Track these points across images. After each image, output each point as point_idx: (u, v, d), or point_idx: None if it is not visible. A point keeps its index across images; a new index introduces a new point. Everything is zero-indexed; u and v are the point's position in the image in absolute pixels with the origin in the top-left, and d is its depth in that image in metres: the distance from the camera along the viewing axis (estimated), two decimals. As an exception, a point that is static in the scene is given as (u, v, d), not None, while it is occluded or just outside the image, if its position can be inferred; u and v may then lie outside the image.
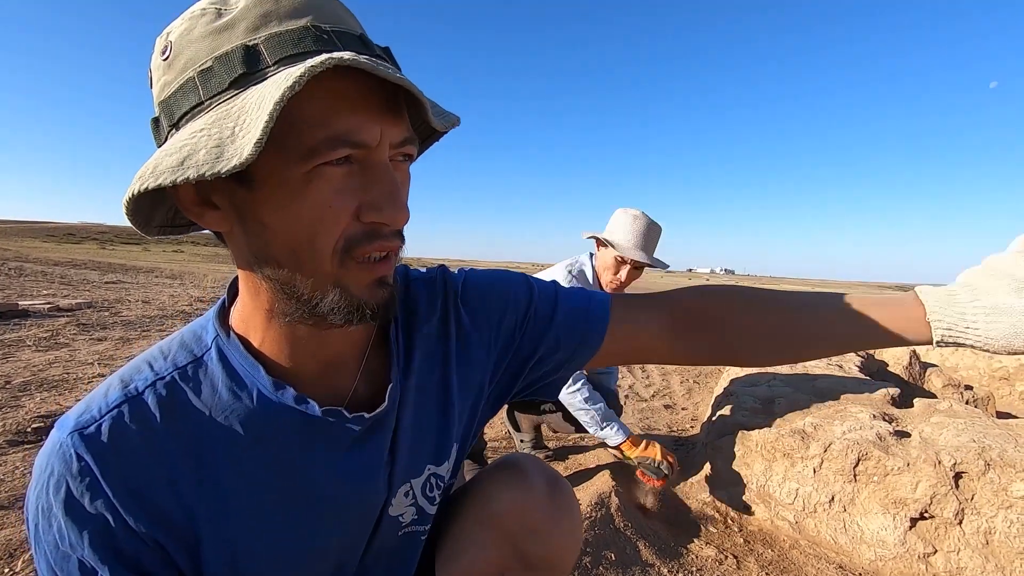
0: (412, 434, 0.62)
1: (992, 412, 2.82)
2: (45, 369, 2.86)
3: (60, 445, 0.47)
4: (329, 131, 0.42)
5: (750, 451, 1.79)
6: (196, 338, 0.54)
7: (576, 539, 0.73)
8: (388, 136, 0.45)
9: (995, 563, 1.33)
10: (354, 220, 0.46)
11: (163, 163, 0.40)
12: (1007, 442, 1.46)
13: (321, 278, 0.46)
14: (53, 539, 0.46)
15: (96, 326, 4.14)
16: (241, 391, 0.52)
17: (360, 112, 0.43)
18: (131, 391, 0.49)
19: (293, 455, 0.53)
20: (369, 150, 0.44)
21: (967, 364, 3.71)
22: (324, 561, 0.57)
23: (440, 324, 0.66)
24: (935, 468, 1.44)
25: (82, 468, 0.46)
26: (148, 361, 0.52)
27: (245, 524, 0.51)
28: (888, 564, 1.46)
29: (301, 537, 0.54)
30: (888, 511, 1.48)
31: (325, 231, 0.45)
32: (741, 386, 2.33)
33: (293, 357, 0.53)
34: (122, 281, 8.55)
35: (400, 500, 0.62)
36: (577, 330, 0.69)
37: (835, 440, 1.62)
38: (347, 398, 0.58)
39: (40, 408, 2.28)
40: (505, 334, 0.69)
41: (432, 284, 0.68)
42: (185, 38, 0.44)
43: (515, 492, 0.68)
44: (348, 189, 0.45)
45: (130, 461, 0.47)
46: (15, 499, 1.57)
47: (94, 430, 0.47)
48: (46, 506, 0.46)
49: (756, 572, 1.47)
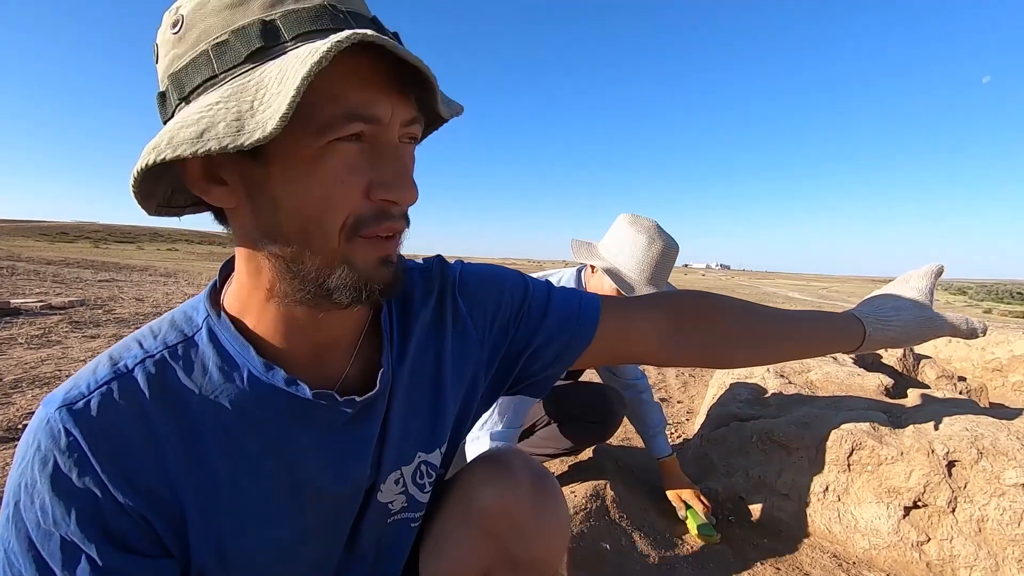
0: (403, 420, 0.62)
1: (985, 403, 2.84)
2: (37, 366, 2.84)
3: (47, 420, 0.46)
4: (344, 106, 0.43)
5: (745, 442, 1.80)
6: (187, 318, 0.54)
7: (563, 537, 0.71)
8: (398, 115, 0.46)
9: (987, 550, 1.33)
10: (364, 198, 0.46)
11: (180, 135, 0.40)
12: (999, 431, 1.47)
13: (328, 255, 0.46)
14: (35, 516, 0.44)
15: (89, 324, 4.11)
16: (232, 371, 0.51)
17: (373, 88, 0.44)
18: (120, 368, 0.49)
19: (282, 436, 0.53)
20: (380, 127, 0.45)
21: (960, 356, 3.73)
22: (309, 543, 0.56)
23: (436, 313, 0.67)
24: (928, 457, 1.45)
25: (70, 443, 0.45)
26: (138, 340, 0.52)
27: (232, 504, 0.51)
28: (882, 553, 1.46)
29: (286, 518, 0.54)
30: (882, 500, 1.49)
31: (335, 207, 0.45)
32: (736, 378, 2.34)
33: (288, 339, 0.53)
34: (116, 279, 8.50)
35: (390, 487, 0.62)
36: (569, 326, 0.71)
37: (829, 430, 1.63)
38: (339, 382, 0.58)
39: (32, 405, 2.26)
40: (499, 328, 0.69)
41: (429, 273, 0.69)
42: (199, 12, 0.44)
43: (499, 488, 0.67)
44: (360, 166, 0.45)
45: (119, 437, 0.47)
46: (6, 496, 1.56)
47: (83, 405, 0.46)
48: (30, 482, 0.45)
49: (751, 562, 1.47)
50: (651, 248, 1.43)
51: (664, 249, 1.44)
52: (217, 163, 0.46)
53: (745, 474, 1.76)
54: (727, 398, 2.12)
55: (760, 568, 1.44)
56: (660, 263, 1.43)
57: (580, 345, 0.71)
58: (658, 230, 1.47)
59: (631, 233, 1.46)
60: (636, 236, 1.45)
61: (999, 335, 3.67)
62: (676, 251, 1.47)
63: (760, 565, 1.46)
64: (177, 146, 0.40)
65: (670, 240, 1.47)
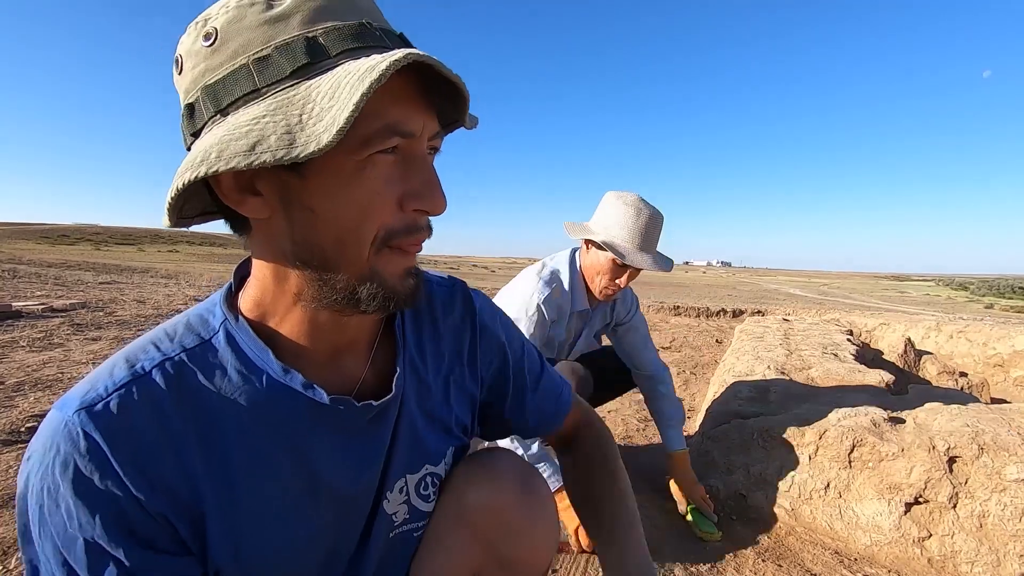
0: (413, 427, 0.63)
1: (987, 398, 2.84)
2: (39, 369, 2.84)
3: (65, 424, 0.46)
4: (383, 121, 0.44)
5: (746, 439, 1.80)
6: (202, 321, 0.55)
7: (551, 537, 0.71)
8: (428, 128, 0.48)
9: (989, 546, 1.34)
10: (397, 210, 0.48)
11: (230, 148, 0.41)
12: (1000, 426, 1.47)
13: (359, 265, 0.48)
14: (61, 520, 0.45)
15: (91, 326, 4.11)
16: (250, 374, 0.52)
17: (410, 104, 0.46)
18: (138, 370, 0.49)
19: (298, 438, 0.54)
20: (413, 141, 0.47)
21: (961, 352, 3.73)
22: (321, 546, 0.57)
23: (454, 330, 0.70)
24: (929, 453, 1.45)
25: (90, 446, 0.45)
26: (153, 342, 0.52)
27: (250, 503, 0.52)
28: (883, 549, 1.47)
29: (301, 518, 0.55)
30: (883, 496, 1.49)
31: (371, 219, 0.47)
32: (738, 376, 2.34)
33: (310, 340, 0.54)
34: (117, 281, 8.51)
35: (395, 496, 0.63)
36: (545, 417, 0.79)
37: (830, 427, 1.63)
38: (356, 386, 0.59)
39: (34, 408, 2.26)
40: (494, 373, 0.74)
41: (451, 291, 0.72)
42: (235, 25, 0.44)
43: (486, 490, 0.67)
44: (395, 178, 0.47)
45: (139, 439, 0.47)
46: (8, 498, 1.56)
47: (102, 408, 0.46)
48: (52, 486, 0.45)
49: (752, 559, 1.48)
50: (639, 217, 1.56)
51: (651, 217, 1.58)
52: (253, 174, 0.47)
53: (746, 471, 1.76)
54: (728, 395, 2.12)
55: (762, 565, 1.45)
56: (648, 230, 1.57)
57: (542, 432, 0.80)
58: (643, 201, 1.60)
59: (619, 207, 1.59)
60: (624, 208, 1.58)
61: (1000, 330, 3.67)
62: (661, 219, 1.61)
63: (762, 562, 1.46)
64: (230, 159, 0.41)
65: (655, 210, 1.60)
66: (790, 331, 3.43)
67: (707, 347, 4.71)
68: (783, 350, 2.77)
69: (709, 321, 6.50)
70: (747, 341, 3.15)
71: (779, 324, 3.76)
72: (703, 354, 4.38)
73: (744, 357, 2.71)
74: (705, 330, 5.68)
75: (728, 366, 2.72)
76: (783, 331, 3.42)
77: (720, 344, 4.82)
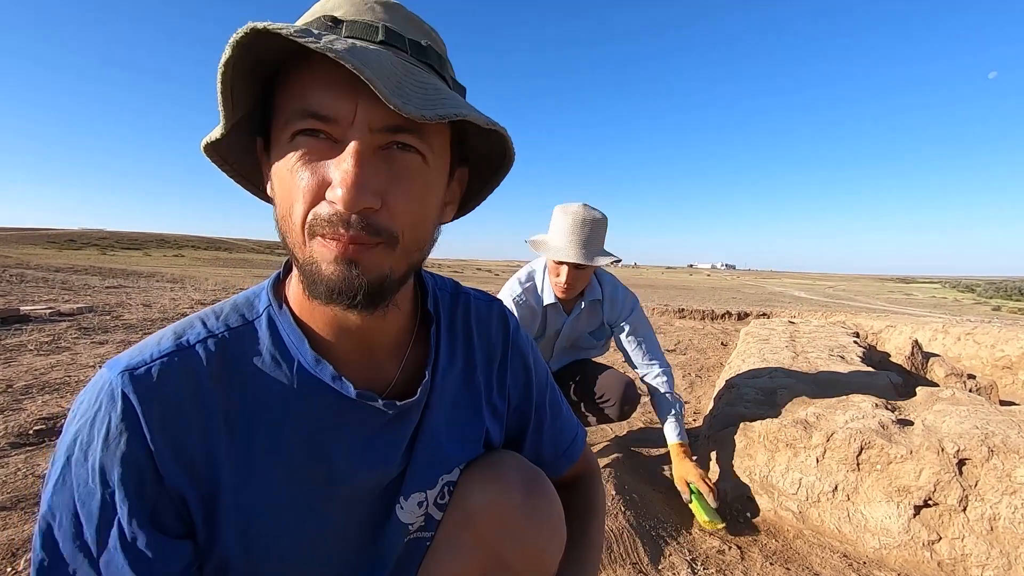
0: (435, 437, 0.64)
1: (995, 400, 2.81)
2: (47, 372, 2.86)
3: (109, 383, 0.48)
4: (300, 103, 0.45)
5: (753, 442, 1.79)
6: (248, 304, 0.57)
7: (557, 540, 0.70)
8: (367, 116, 0.44)
9: (1000, 549, 1.32)
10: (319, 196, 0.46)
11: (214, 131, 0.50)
12: (1010, 428, 1.46)
13: (300, 250, 0.47)
14: (85, 474, 0.46)
15: (97, 330, 4.14)
16: (283, 360, 0.54)
17: (331, 89, 0.44)
18: (183, 343, 0.51)
19: (319, 429, 0.55)
20: (341, 127, 0.45)
21: (969, 353, 3.70)
22: (328, 540, 0.57)
23: (488, 346, 0.71)
24: (938, 455, 1.44)
25: (126, 408, 0.47)
26: (201, 319, 0.54)
27: (263, 488, 0.52)
28: (892, 552, 1.45)
29: (312, 510, 0.55)
30: (892, 499, 1.47)
31: (296, 200, 0.46)
32: (743, 378, 2.33)
33: (334, 337, 0.55)
34: (123, 285, 8.56)
35: (412, 508, 0.63)
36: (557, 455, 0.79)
37: (838, 429, 1.62)
38: (388, 387, 0.60)
39: (42, 411, 2.28)
40: (519, 394, 0.75)
41: (489, 307, 0.74)
42: None
43: (490, 492, 0.66)
44: (319, 163, 0.45)
45: (172, 408, 0.48)
46: (17, 500, 1.57)
47: (144, 372, 0.48)
48: (86, 440, 0.47)
49: (760, 562, 1.47)
50: (565, 218, 1.71)
51: (579, 217, 1.69)
52: (266, 160, 0.51)
53: (753, 474, 1.75)
54: (734, 398, 2.11)
55: (770, 568, 1.44)
56: (576, 229, 1.70)
57: (552, 466, 0.78)
58: (580, 206, 1.73)
59: (556, 214, 1.77)
60: (557, 214, 1.76)
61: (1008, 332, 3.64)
62: (592, 216, 1.71)
63: (770, 565, 1.45)
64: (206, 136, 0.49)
65: (587, 209, 1.72)
66: (796, 333, 3.41)
67: (712, 350, 4.69)
68: (789, 352, 2.76)
69: (714, 324, 6.47)
70: (753, 343, 3.14)
71: (785, 326, 3.74)
72: (708, 357, 4.36)
73: (750, 359, 2.70)
74: (710, 333, 5.66)
75: (734, 368, 2.71)
76: (789, 333, 3.40)
77: (725, 347, 4.80)
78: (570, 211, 1.72)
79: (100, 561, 0.46)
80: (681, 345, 4.86)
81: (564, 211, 1.73)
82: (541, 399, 0.77)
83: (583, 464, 0.85)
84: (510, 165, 0.57)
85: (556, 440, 0.79)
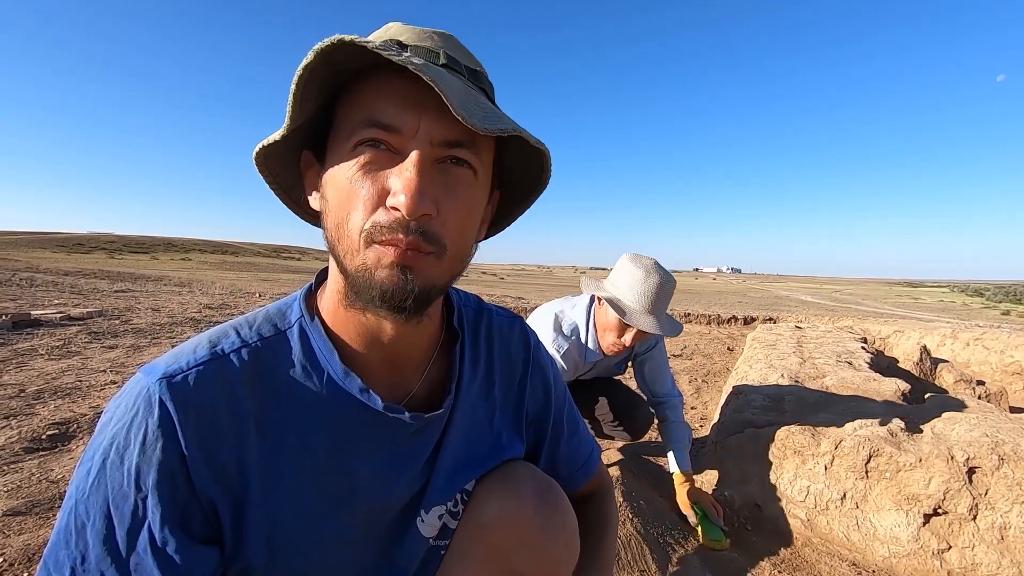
0: (457, 450, 0.65)
1: (1005, 407, 2.79)
2: (58, 377, 2.89)
3: (147, 389, 0.49)
4: (365, 113, 0.47)
5: (761, 449, 1.79)
6: (281, 315, 0.58)
7: (570, 552, 0.70)
8: (429, 129, 0.47)
9: (1011, 558, 1.32)
10: (379, 204, 0.48)
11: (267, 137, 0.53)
12: (1021, 436, 1.45)
13: (354, 257, 0.49)
14: (120, 477, 0.47)
15: (107, 334, 4.18)
16: (313, 371, 0.55)
17: (395, 100, 0.47)
18: (218, 351, 0.53)
19: (345, 441, 0.56)
20: (403, 138, 0.47)
21: (979, 359, 3.68)
22: (349, 550, 0.58)
23: (510, 361, 0.73)
24: (948, 463, 1.43)
25: (163, 415, 0.48)
26: (235, 328, 0.56)
27: (290, 496, 0.53)
28: (902, 561, 1.45)
29: (332, 524, 0.56)
30: (901, 507, 1.47)
31: (354, 208, 0.48)
32: (751, 385, 2.33)
33: (364, 348, 0.57)
34: (131, 289, 8.63)
35: (432, 521, 0.64)
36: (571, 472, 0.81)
37: (846, 437, 1.62)
38: (407, 397, 0.61)
39: (54, 415, 2.30)
40: (538, 410, 0.76)
41: (511, 323, 0.75)
42: None
43: (503, 503, 0.66)
44: (378, 172, 0.48)
45: (207, 415, 0.50)
46: (32, 505, 1.59)
47: (181, 380, 0.50)
48: (123, 444, 0.48)
49: (768, 570, 1.46)
50: (648, 280, 1.59)
51: (661, 280, 1.59)
52: (315, 171, 0.54)
53: (761, 481, 1.75)
54: (742, 404, 2.11)
55: (778, 576, 1.44)
56: (657, 295, 1.58)
57: (567, 482, 0.77)
58: (656, 266, 1.63)
59: (631, 268, 1.63)
60: (635, 270, 1.61)
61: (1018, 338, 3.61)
62: (672, 284, 1.62)
63: (778, 573, 1.45)
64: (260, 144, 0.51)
65: (666, 275, 1.62)
66: (803, 339, 3.40)
67: (719, 355, 4.68)
68: (796, 358, 2.75)
69: (720, 328, 6.45)
70: (760, 349, 3.13)
71: (792, 331, 3.73)
72: (715, 362, 4.35)
73: (757, 365, 2.69)
74: (716, 337, 5.64)
75: (741, 374, 2.70)
76: (796, 339, 3.39)
77: (732, 352, 4.79)
78: (649, 269, 1.60)
79: (129, 563, 0.47)
80: (687, 350, 4.85)
81: (643, 268, 1.60)
82: (559, 416, 0.78)
83: (598, 480, 0.86)
84: (544, 187, 0.59)
85: (572, 456, 0.80)
